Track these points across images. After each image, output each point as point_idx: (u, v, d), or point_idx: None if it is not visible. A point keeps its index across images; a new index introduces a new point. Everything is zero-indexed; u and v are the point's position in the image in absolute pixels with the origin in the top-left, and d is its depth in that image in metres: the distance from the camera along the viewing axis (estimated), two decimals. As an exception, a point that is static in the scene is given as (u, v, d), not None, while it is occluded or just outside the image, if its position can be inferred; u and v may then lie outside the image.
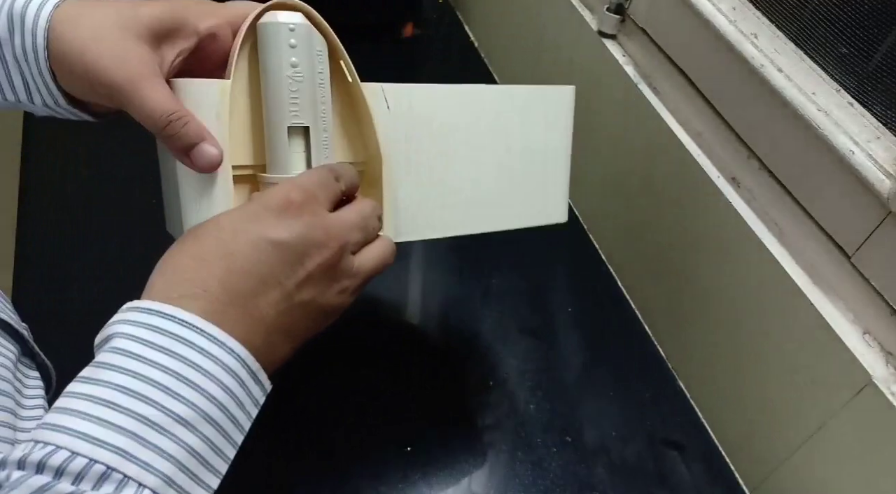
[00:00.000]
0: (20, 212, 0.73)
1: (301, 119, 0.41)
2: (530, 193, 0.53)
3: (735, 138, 0.66)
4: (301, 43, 0.41)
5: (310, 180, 0.40)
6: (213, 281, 0.35)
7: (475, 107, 0.50)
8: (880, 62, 0.56)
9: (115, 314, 0.36)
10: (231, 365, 0.35)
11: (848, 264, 0.57)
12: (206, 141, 0.39)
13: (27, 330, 0.48)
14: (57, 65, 0.39)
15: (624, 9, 0.78)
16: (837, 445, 0.57)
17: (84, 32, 0.38)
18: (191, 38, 0.41)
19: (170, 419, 0.32)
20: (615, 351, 0.71)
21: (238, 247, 0.36)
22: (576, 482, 0.59)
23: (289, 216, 0.38)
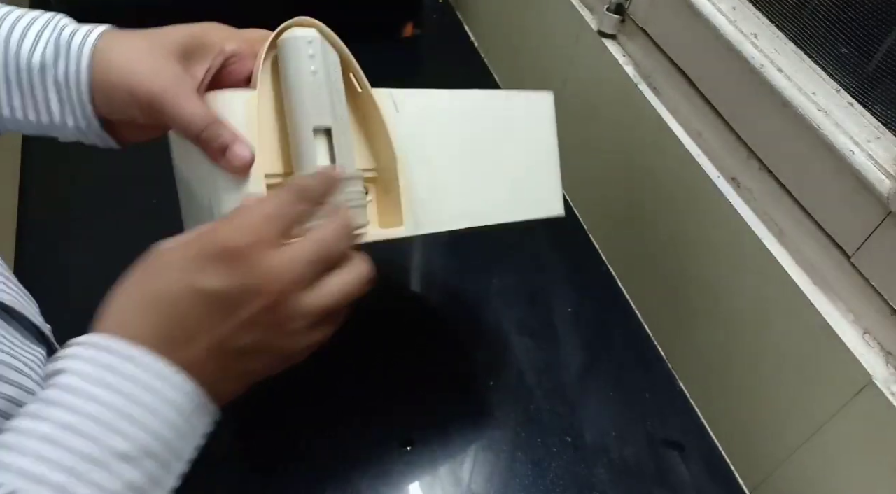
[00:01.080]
0: (20, 212, 0.73)
1: (324, 120, 0.45)
2: (527, 187, 0.57)
3: (735, 138, 0.66)
4: (318, 54, 0.45)
5: (257, 217, 0.38)
6: (147, 325, 0.36)
7: (469, 109, 0.54)
8: (880, 62, 0.56)
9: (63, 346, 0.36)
10: (173, 398, 0.35)
11: (848, 264, 0.57)
12: (239, 142, 0.42)
13: (50, 331, 0.49)
14: (98, 85, 0.43)
15: (624, 9, 0.78)
16: (837, 445, 0.57)
17: (125, 54, 0.43)
18: (218, 57, 0.45)
19: (109, 455, 0.32)
20: (615, 351, 0.71)
21: (172, 293, 0.36)
22: (576, 482, 0.59)
23: (223, 264, 0.36)
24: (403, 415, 0.62)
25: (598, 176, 0.86)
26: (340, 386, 0.63)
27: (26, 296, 0.49)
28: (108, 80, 0.43)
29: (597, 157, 0.85)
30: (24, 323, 0.46)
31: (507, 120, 0.56)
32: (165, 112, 0.42)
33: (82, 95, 0.43)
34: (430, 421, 0.62)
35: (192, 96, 0.42)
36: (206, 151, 0.42)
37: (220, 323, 0.37)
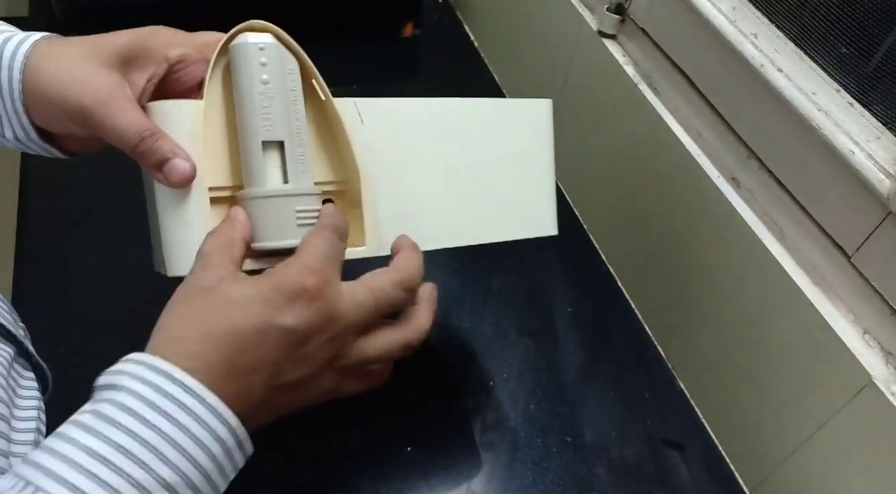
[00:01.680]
0: (20, 212, 0.73)
1: (275, 133, 0.42)
2: (517, 205, 0.53)
3: (735, 138, 0.66)
4: (271, 61, 0.42)
5: (322, 258, 0.40)
6: (216, 356, 0.36)
7: (451, 119, 0.50)
8: (880, 62, 0.56)
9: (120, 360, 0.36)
10: (222, 435, 0.35)
11: (848, 264, 0.57)
12: (178, 156, 0.40)
13: (24, 330, 0.48)
14: (31, 97, 0.41)
15: (624, 9, 0.78)
16: (837, 445, 0.57)
17: (58, 64, 0.41)
18: (161, 65, 0.43)
19: (155, 483, 0.33)
20: (615, 351, 0.71)
21: (245, 327, 0.37)
22: (576, 482, 0.59)
23: (301, 303, 0.38)
24: (403, 416, 0.62)
25: (597, 176, 0.86)
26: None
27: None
28: (39, 92, 0.41)
29: (596, 157, 0.85)
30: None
31: (496, 130, 0.52)
32: (98, 125, 0.40)
33: (17, 106, 0.41)
34: (430, 422, 0.62)
35: (126, 107, 0.40)
36: (143, 165, 0.41)
37: (286, 359, 0.38)
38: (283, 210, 0.42)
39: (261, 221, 0.42)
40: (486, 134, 0.51)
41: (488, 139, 0.51)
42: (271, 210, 0.42)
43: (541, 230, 0.55)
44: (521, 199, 0.53)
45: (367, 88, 0.98)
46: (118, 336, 0.61)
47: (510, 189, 0.53)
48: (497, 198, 0.52)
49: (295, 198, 0.42)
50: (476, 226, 0.51)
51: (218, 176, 0.43)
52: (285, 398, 0.40)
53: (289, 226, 0.42)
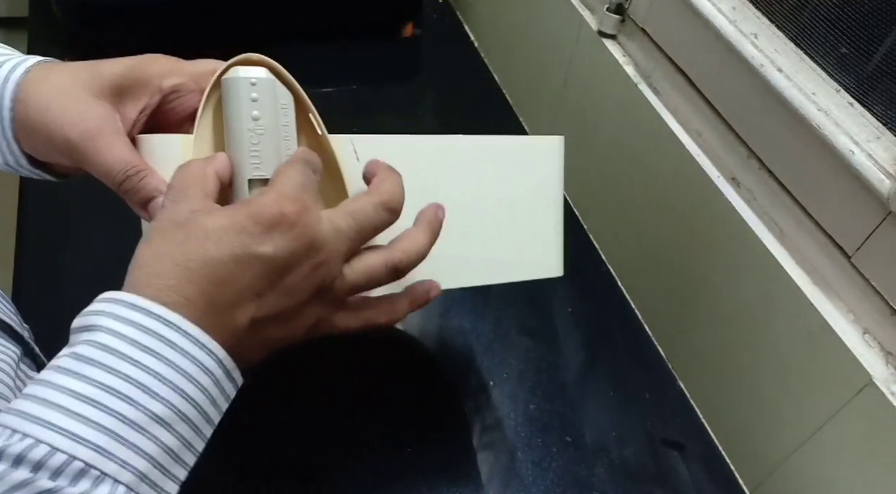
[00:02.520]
0: (20, 212, 0.73)
1: (262, 171, 0.41)
2: (522, 246, 0.52)
3: (735, 138, 0.66)
4: (263, 96, 0.41)
5: (297, 186, 0.39)
6: (192, 288, 0.35)
7: (454, 158, 0.49)
8: (880, 62, 0.56)
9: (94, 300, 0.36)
10: (209, 366, 0.35)
11: (848, 264, 0.57)
12: (162, 194, 0.40)
13: (28, 331, 0.48)
14: (19, 126, 0.40)
15: (624, 9, 0.78)
16: (837, 445, 0.57)
17: (46, 94, 0.39)
18: (154, 95, 0.42)
19: (148, 418, 0.33)
20: (615, 351, 0.71)
21: (221, 256, 0.36)
22: (576, 482, 0.59)
23: (279, 231, 0.37)
24: (403, 416, 0.62)
25: (597, 176, 0.86)
26: (340, 386, 0.63)
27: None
28: (27, 122, 0.40)
29: (596, 157, 0.85)
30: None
31: (503, 169, 0.50)
32: (82, 160, 0.40)
33: (7, 135, 0.41)
34: (429, 422, 0.62)
35: (112, 143, 0.40)
36: (129, 203, 0.41)
37: (268, 289, 0.37)
38: None
39: None
40: (493, 172, 0.50)
41: (495, 178, 0.50)
42: None
43: (547, 272, 0.53)
44: (527, 240, 0.52)
45: (366, 88, 0.98)
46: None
47: (516, 230, 0.51)
48: (502, 239, 0.51)
49: None
50: (478, 267, 0.50)
51: None
52: (273, 331, 0.39)
53: None
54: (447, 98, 1.02)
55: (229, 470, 0.57)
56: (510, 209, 0.51)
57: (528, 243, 0.52)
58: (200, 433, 0.36)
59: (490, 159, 0.50)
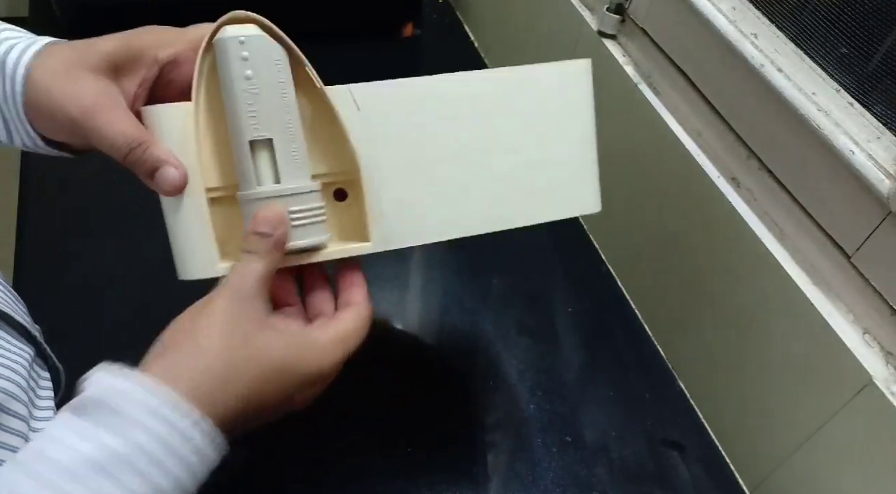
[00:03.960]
0: (20, 212, 0.73)
1: (262, 131, 0.40)
2: (553, 183, 0.48)
3: (735, 138, 0.66)
4: (255, 54, 0.40)
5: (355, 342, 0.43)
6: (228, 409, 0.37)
7: (469, 96, 0.45)
8: (880, 62, 0.56)
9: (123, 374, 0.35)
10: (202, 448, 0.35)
11: (848, 264, 0.57)
12: (167, 163, 0.40)
13: (39, 332, 0.48)
14: (30, 109, 0.41)
15: (624, 9, 0.78)
16: (837, 445, 0.57)
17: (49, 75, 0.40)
18: (152, 68, 0.42)
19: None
20: (615, 351, 0.71)
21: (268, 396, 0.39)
22: (576, 482, 0.59)
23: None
24: (403, 416, 0.62)
25: (598, 176, 0.86)
26: (340, 386, 0.63)
27: (13, 296, 0.48)
28: (36, 103, 0.41)
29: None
30: (10, 323, 0.45)
31: (526, 102, 0.47)
32: (88, 135, 0.40)
33: (20, 115, 0.41)
34: (430, 422, 0.62)
35: (115, 117, 0.40)
36: (137, 175, 0.41)
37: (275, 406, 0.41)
38: None
39: None
40: (515, 107, 0.46)
41: (517, 113, 0.46)
42: None
43: (582, 208, 0.50)
44: (558, 176, 0.48)
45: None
46: (118, 337, 0.61)
47: (545, 165, 0.48)
48: (530, 176, 0.47)
49: (288, 198, 0.41)
50: (504, 209, 0.47)
51: (216, 176, 0.43)
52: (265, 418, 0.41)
53: None
54: (447, 98, 1.02)
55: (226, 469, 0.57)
56: (538, 142, 0.47)
57: (562, 178, 0.48)
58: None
59: (511, 92, 0.47)
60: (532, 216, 0.48)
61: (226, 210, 0.43)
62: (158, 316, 0.39)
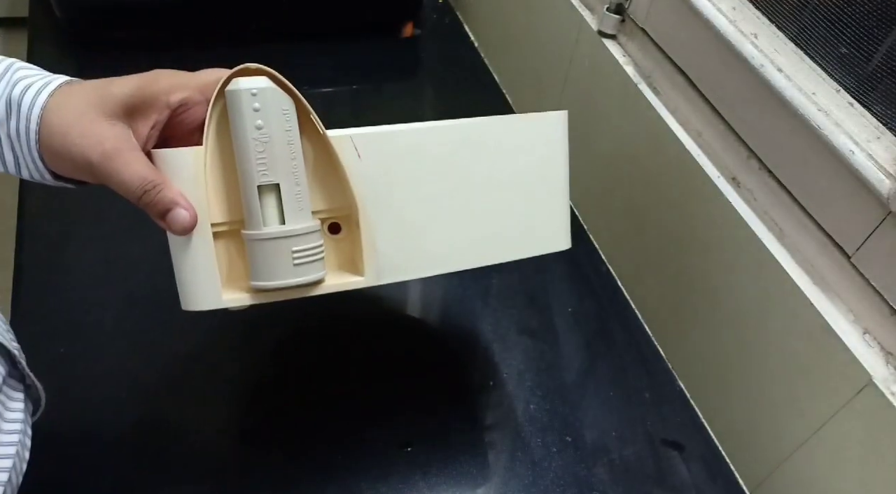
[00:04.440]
0: (20, 212, 0.73)
1: (270, 177, 0.43)
2: (529, 223, 0.53)
3: (735, 138, 0.66)
4: (265, 105, 0.43)
5: None
6: None
7: (457, 142, 0.49)
8: (880, 62, 0.56)
9: None
10: None
11: (848, 264, 0.57)
12: (179, 205, 0.42)
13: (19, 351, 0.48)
14: (45, 148, 0.43)
15: (624, 9, 0.78)
16: (837, 445, 0.57)
17: (66, 119, 0.42)
18: (163, 111, 0.44)
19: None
20: (615, 351, 0.71)
21: None
22: (576, 482, 0.59)
23: None
24: (403, 416, 0.62)
25: (598, 176, 0.86)
26: (340, 386, 0.63)
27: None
28: (51, 145, 0.43)
29: (597, 157, 0.85)
30: None
31: (507, 148, 0.51)
32: (104, 178, 0.42)
33: (33, 154, 0.43)
34: (430, 422, 0.62)
35: (130, 160, 0.42)
36: (150, 215, 0.43)
37: None
38: (280, 250, 0.44)
39: (259, 261, 0.44)
40: (497, 153, 0.50)
41: (499, 158, 0.50)
42: (269, 250, 0.44)
43: (554, 246, 0.54)
44: (533, 216, 0.53)
45: (366, 88, 0.98)
46: (119, 339, 0.61)
47: (522, 207, 0.52)
48: (508, 217, 0.51)
49: (291, 239, 0.44)
50: (486, 246, 0.51)
51: (222, 212, 0.45)
52: None
53: (285, 266, 0.44)
54: (447, 98, 1.02)
55: (228, 470, 0.57)
56: (517, 187, 0.51)
57: (535, 219, 0.53)
58: None
59: (494, 139, 0.50)
60: (509, 253, 0.52)
61: (228, 243, 0.46)
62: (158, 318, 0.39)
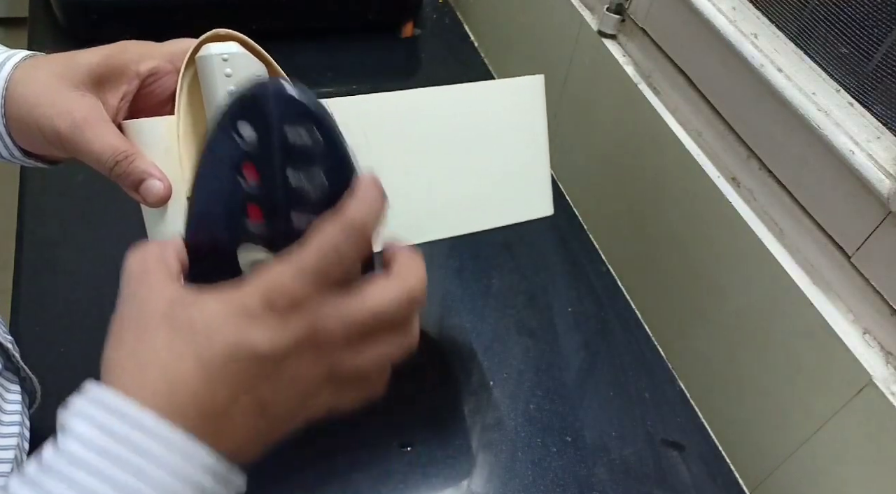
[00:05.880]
0: (20, 212, 0.73)
1: None
2: (511, 189, 0.52)
3: (735, 138, 0.66)
4: (237, 70, 0.42)
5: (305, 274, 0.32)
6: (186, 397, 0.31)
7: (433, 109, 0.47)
8: (880, 62, 0.56)
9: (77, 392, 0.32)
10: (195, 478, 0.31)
11: (848, 264, 0.57)
12: (152, 176, 0.41)
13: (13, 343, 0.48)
14: (12, 122, 0.41)
15: (624, 9, 0.78)
16: (837, 445, 0.57)
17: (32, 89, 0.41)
18: (133, 81, 0.43)
19: None
20: (615, 351, 0.71)
21: (213, 355, 0.31)
22: (576, 482, 0.59)
23: (275, 315, 0.31)
24: (403, 416, 0.62)
25: (598, 176, 0.86)
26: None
27: None
28: (18, 117, 0.41)
29: (596, 157, 0.85)
30: None
31: (486, 114, 0.50)
32: (74, 149, 0.41)
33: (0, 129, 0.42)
34: (429, 422, 0.62)
35: (101, 131, 0.40)
36: (122, 187, 0.42)
37: (265, 384, 0.32)
38: None
39: None
40: (476, 118, 0.49)
41: (478, 123, 0.49)
42: None
43: (537, 211, 0.53)
44: (515, 182, 0.52)
45: (366, 88, 0.98)
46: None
47: (503, 172, 0.51)
48: (490, 183, 0.50)
49: None
50: (469, 214, 0.50)
51: None
52: (281, 426, 0.35)
53: None
54: (447, 98, 1.02)
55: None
56: (496, 154, 0.51)
57: (517, 185, 0.52)
58: None
59: (470, 106, 0.49)
60: (491, 220, 0.50)
61: None
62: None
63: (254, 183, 0.35)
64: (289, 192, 0.35)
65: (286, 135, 0.35)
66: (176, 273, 0.36)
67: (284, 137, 0.35)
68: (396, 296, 0.34)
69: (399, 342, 0.36)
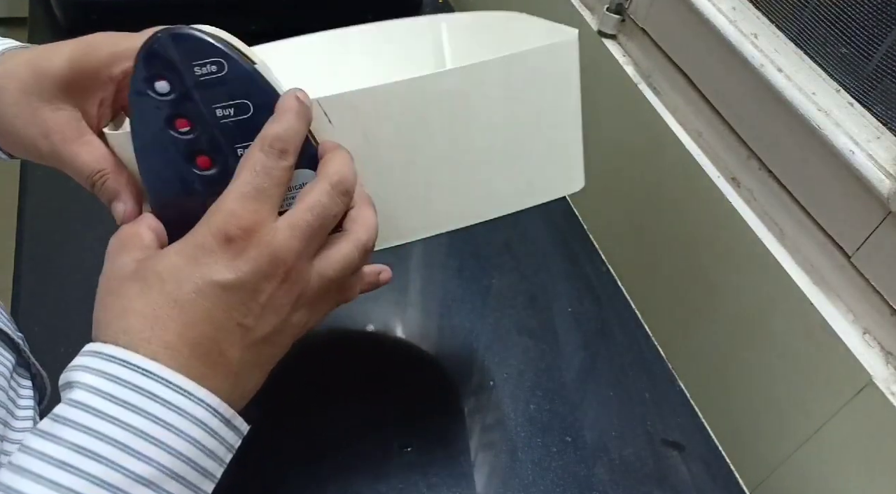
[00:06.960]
0: (20, 212, 0.73)
1: None
2: (539, 166, 0.47)
3: (735, 138, 0.66)
4: None
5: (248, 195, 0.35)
6: (171, 336, 0.33)
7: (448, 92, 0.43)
8: (880, 62, 0.56)
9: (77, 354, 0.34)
10: (201, 417, 0.33)
11: (848, 264, 0.57)
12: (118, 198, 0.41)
13: (23, 339, 0.48)
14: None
15: (624, 9, 0.78)
16: (837, 445, 0.57)
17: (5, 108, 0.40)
18: (107, 86, 0.41)
19: (130, 480, 0.30)
20: (615, 351, 0.71)
21: (185, 295, 0.34)
22: (576, 482, 0.59)
23: (230, 253, 0.34)
24: (403, 416, 0.62)
25: (598, 176, 0.86)
26: (340, 386, 0.63)
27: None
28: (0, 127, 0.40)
29: (597, 157, 0.85)
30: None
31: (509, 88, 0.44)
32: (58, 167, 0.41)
33: None
34: (429, 422, 0.62)
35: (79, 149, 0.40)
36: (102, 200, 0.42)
37: (247, 311, 0.35)
38: None
39: None
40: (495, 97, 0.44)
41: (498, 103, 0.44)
42: None
43: (569, 187, 0.49)
44: (547, 158, 0.47)
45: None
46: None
47: (530, 150, 0.46)
48: (515, 164, 0.46)
49: None
50: (493, 198, 0.46)
51: None
52: (266, 352, 0.37)
53: None
54: (447, 98, 1.02)
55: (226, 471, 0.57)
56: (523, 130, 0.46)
57: (548, 161, 0.47)
58: (198, 490, 0.34)
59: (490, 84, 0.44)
60: (519, 202, 0.47)
61: None
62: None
63: (188, 131, 0.36)
64: (224, 129, 0.36)
65: (198, 74, 0.35)
66: (149, 242, 0.38)
67: (197, 77, 0.35)
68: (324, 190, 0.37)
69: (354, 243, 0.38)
